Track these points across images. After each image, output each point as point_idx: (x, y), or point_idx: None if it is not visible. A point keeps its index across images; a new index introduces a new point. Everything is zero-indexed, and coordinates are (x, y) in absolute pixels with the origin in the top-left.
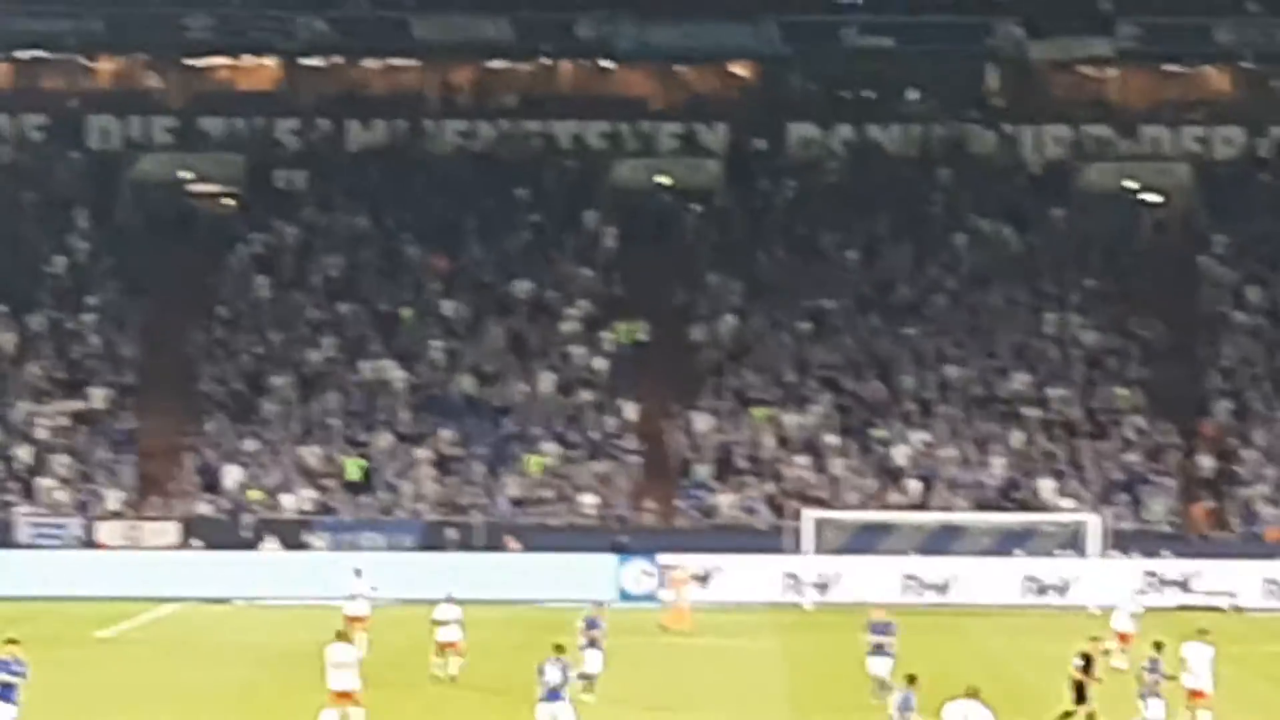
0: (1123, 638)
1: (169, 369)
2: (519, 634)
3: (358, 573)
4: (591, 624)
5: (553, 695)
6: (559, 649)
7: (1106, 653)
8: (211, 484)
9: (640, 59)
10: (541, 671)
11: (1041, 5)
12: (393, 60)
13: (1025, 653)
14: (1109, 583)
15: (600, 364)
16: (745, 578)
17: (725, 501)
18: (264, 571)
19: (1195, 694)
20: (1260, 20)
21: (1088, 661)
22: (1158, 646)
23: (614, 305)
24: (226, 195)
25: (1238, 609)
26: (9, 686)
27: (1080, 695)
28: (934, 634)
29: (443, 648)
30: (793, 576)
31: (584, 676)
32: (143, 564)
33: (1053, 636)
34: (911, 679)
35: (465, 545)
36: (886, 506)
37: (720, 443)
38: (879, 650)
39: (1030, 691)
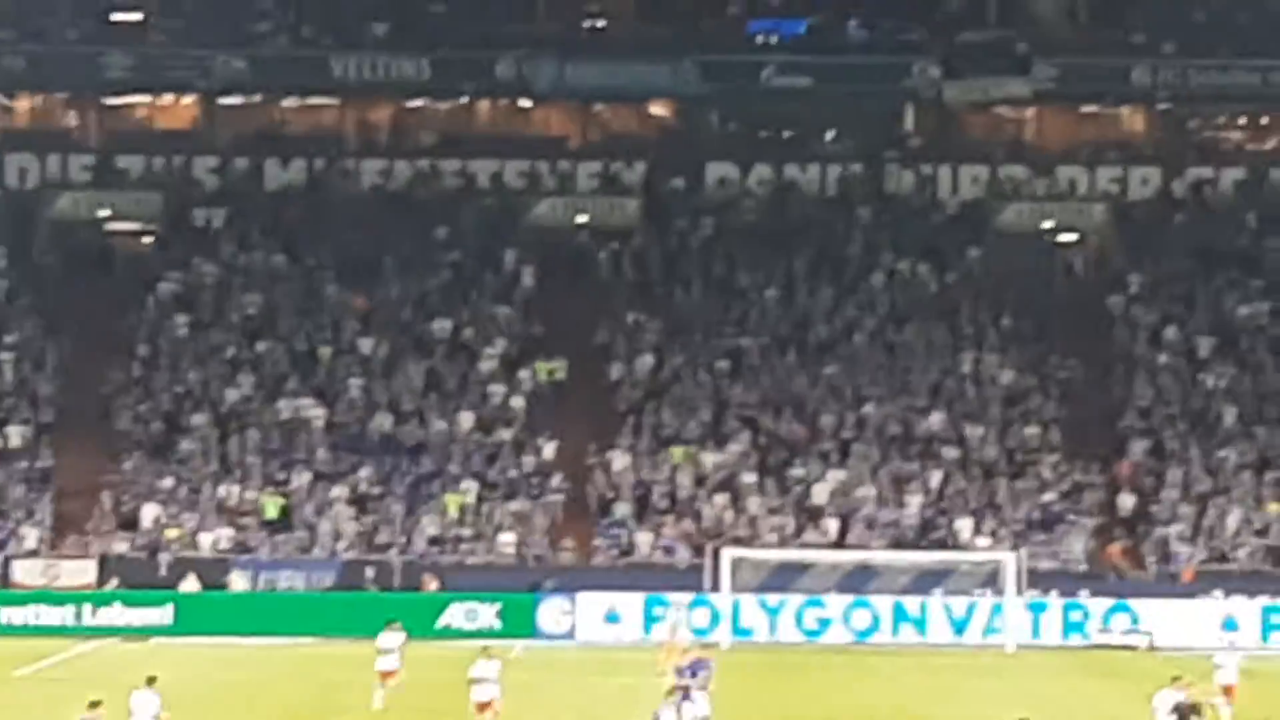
0: (1228, 691)
1: (86, 407)
2: (437, 672)
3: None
4: (693, 670)
5: None
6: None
7: (1210, 706)
8: (129, 522)
9: (559, 98)
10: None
11: (958, 46)
12: (311, 99)
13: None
14: (1027, 623)
15: (518, 403)
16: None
17: (644, 540)
18: (183, 610)
19: None
20: (1176, 61)
21: (1185, 713)
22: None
23: (533, 344)
24: (145, 233)
25: (1153, 648)
26: None
27: None
28: (849, 673)
29: (383, 676)
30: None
31: None
32: (60, 602)
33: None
34: None
35: (383, 584)
36: (804, 545)
37: (639, 481)
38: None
39: None
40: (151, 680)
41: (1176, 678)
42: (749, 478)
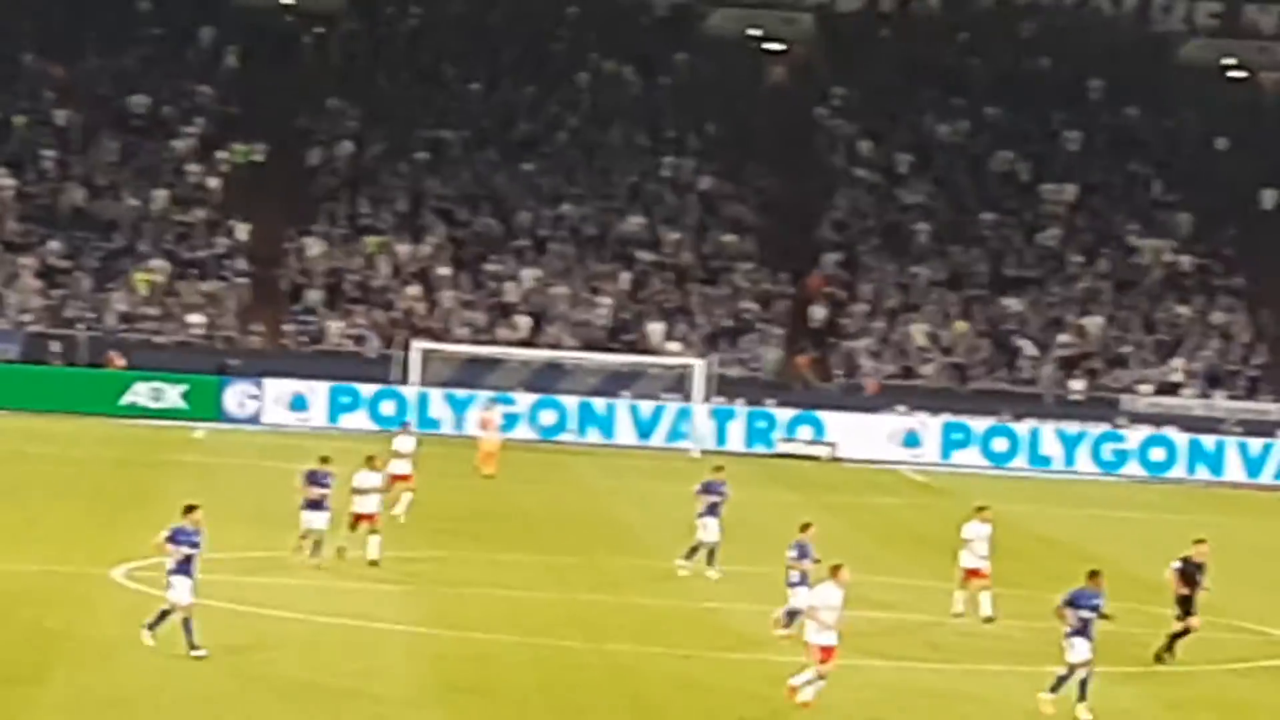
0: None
1: None
2: (120, 450)
3: (405, 425)
4: (710, 488)
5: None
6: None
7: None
8: None
9: None
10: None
11: None
12: None
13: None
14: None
15: (214, 183)
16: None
17: (334, 328)
18: None
19: (973, 573)
20: None
21: (1192, 574)
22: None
23: (231, 125)
24: None
25: (836, 459)
26: (188, 560)
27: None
28: (535, 469)
29: (394, 480)
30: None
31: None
32: None
33: (656, 477)
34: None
35: (69, 359)
36: (496, 342)
37: (332, 269)
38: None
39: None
40: None
41: (981, 508)
42: (443, 271)
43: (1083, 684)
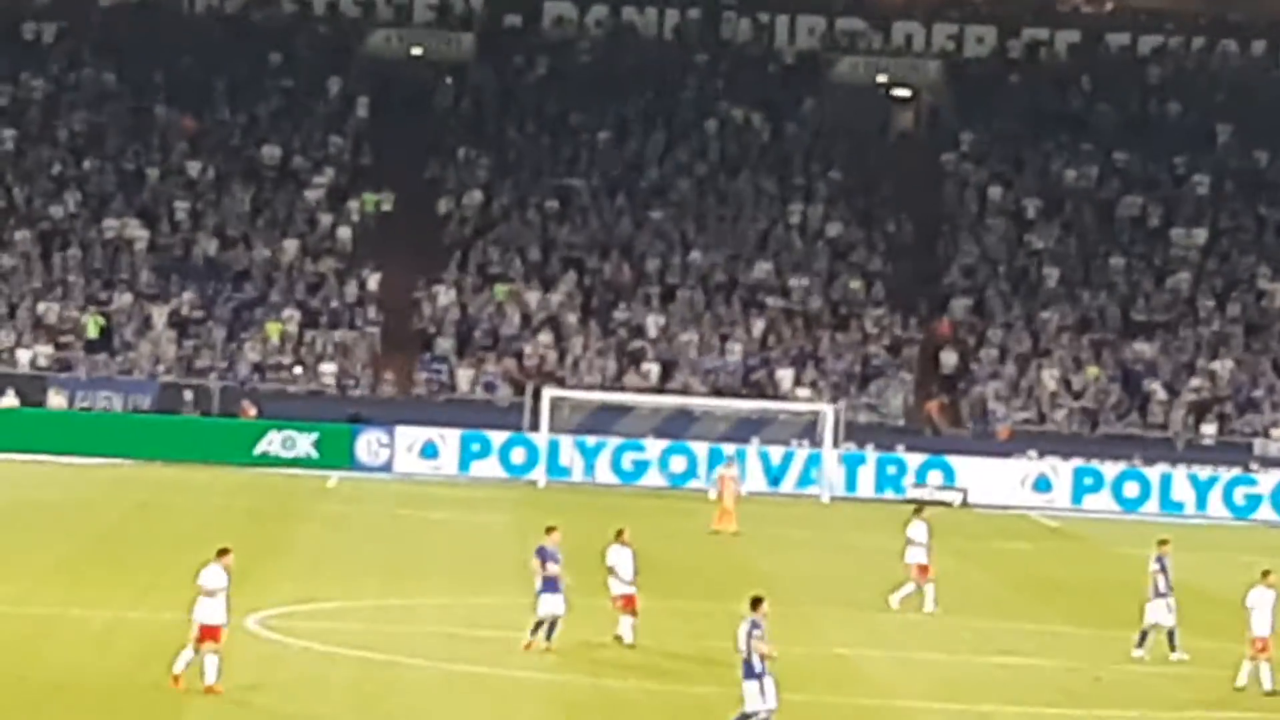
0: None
1: None
2: (253, 499)
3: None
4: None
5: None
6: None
7: None
8: None
9: None
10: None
11: None
12: None
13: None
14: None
15: (345, 233)
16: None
17: (464, 376)
18: (1, 426)
19: (1256, 641)
20: None
21: None
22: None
23: (362, 175)
24: None
25: (966, 504)
26: (555, 578)
27: None
28: (665, 517)
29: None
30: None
31: None
32: None
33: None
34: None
35: (202, 408)
36: (625, 389)
37: (462, 317)
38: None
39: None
40: None
41: (1267, 573)
42: (572, 318)
43: None
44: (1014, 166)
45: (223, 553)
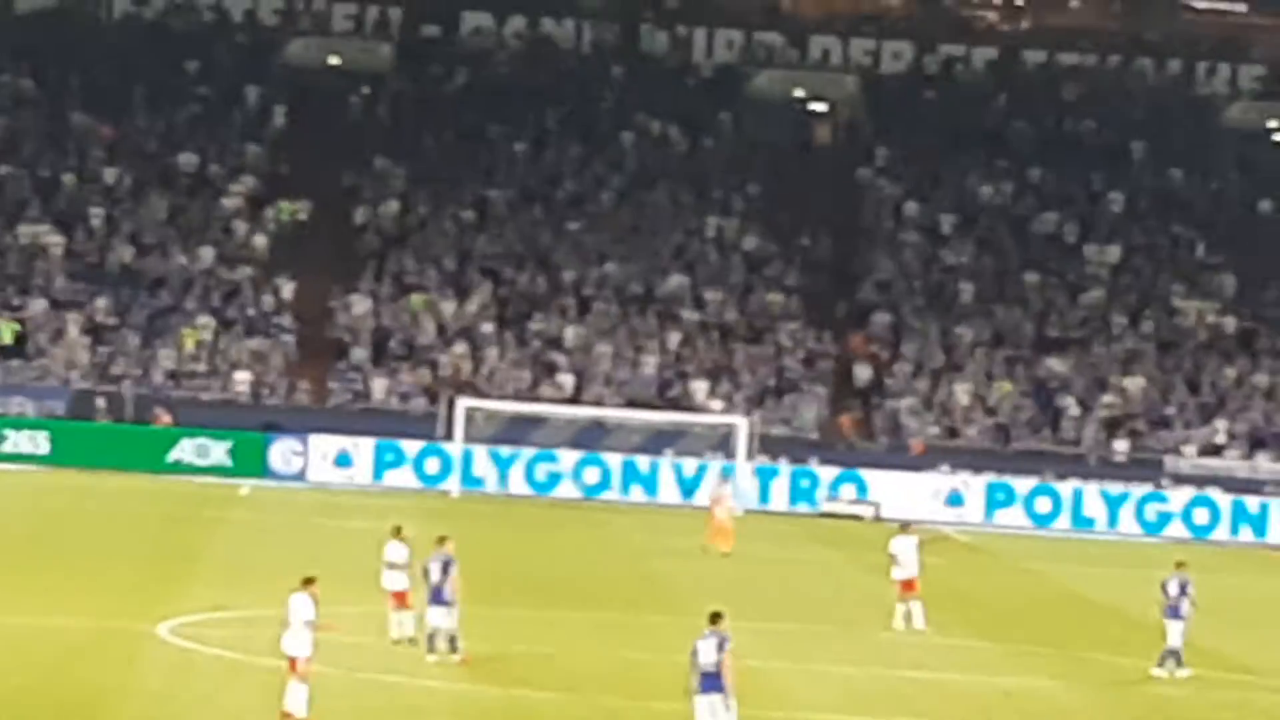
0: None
1: None
2: (166, 506)
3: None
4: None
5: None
6: None
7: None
8: None
9: None
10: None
11: None
12: None
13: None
14: (756, 488)
15: (261, 241)
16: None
17: (379, 386)
18: None
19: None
20: None
21: None
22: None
23: (278, 183)
24: None
25: (879, 518)
26: (440, 588)
27: None
28: (578, 528)
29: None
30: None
31: None
32: None
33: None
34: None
35: (115, 415)
36: (540, 400)
37: (378, 326)
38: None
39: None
40: None
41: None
42: (488, 329)
43: None
44: (930, 182)
45: (308, 581)
